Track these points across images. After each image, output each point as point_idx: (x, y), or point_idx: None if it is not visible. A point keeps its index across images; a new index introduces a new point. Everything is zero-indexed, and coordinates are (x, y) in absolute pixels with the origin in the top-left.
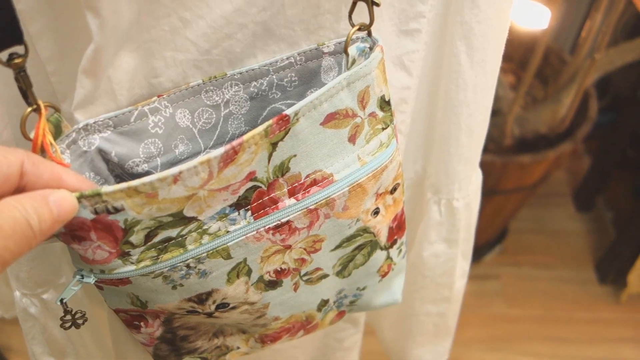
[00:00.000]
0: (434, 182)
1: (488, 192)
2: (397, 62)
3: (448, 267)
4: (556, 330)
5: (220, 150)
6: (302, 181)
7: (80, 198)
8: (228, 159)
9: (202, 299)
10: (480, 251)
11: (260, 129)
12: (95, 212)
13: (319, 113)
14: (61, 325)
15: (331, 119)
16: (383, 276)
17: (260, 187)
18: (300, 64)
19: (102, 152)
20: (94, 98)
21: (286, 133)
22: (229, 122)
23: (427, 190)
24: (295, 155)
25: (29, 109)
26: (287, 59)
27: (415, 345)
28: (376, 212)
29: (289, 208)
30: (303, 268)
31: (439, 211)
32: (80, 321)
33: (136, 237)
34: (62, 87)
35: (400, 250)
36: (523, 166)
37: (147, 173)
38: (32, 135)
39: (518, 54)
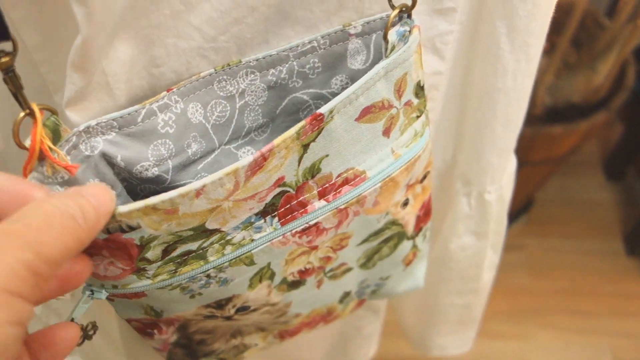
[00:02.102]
0: (464, 172)
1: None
2: (429, 45)
3: (476, 260)
4: (581, 303)
5: (249, 158)
6: (333, 181)
7: None
8: (256, 166)
9: (221, 304)
10: None
11: (292, 131)
12: (108, 231)
13: (355, 108)
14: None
15: (367, 113)
16: (407, 264)
17: (289, 191)
18: (324, 48)
19: (106, 156)
20: (87, 93)
21: (319, 133)
22: (245, 115)
23: (456, 180)
24: (327, 156)
25: (22, 114)
26: (309, 42)
27: (438, 333)
28: (406, 203)
29: (319, 210)
30: (328, 265)
31: (468, 204)
32: (91, 332)
33: (153, 253)
34: (53, 77)
35: (425, 236)
36: (553, 137)
37: (157, 177)
38: (27, 143)
39: (552, 16)
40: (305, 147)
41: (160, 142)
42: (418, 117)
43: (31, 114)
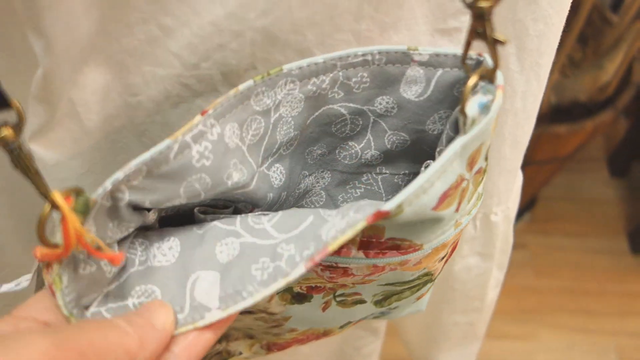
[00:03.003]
0: None
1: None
2: None
3: (481, 281)
4: (586, 302)
5: (301, 269)
6: (382, 240)
7: None
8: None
9: None
10: None
11: (350, 233)
12: None
13: (431, 197)
14: None
15: (445, 198)
16: (419, 298)
17: None
18: (377, 64)
19: (132, 204)
20: (53, 124)
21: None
22: (278, 129)
23: None
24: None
25: (47, 208)
26: (362, 55)
27: (441, 350)
28: (444, 257)
29: (353, 259)
30: (340, 290)
31: (473, 226)
32: None
33: None
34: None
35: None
36: (558, 137)
37: (189, 211)
38: (58, 239)
39: None
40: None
41: (195, 178)
42: (482, 179)
43: (54, 206)
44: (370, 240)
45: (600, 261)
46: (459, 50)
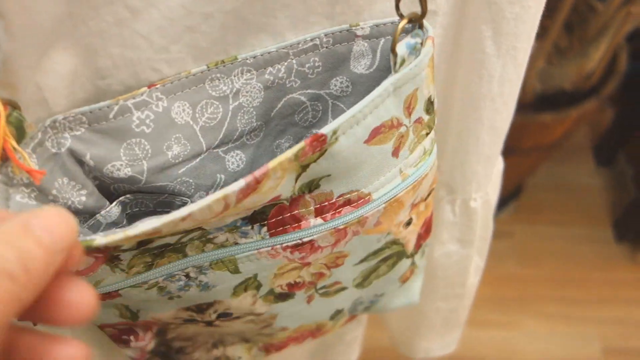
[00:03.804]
0: (448, 181)
1: (505, 151)
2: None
3: (461, 267)
4: (570, 290)
5: (240, 182)
6: (333, 201)
7: None
8: (249, 190)
9: (202, 308)
10: None
11: (289, 154)
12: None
13: (363, 129)
14: None
15: (376, 134)
16: (404, 281)
17: (282, 202)
18: (326, 47)
19: (74, 154)
20: (21, 111)
21: (321, 154)
22: (238, 117)
23: (440, 187)
24: (329, 175)
25: None
26: (311, 40)
27: (423, 337)
28: (409, 222)
29: (314, 228)
30: (320, 282)
31: (452, 211)
32: None
33: (128, 245)
34: None
35: (423, 253)
36: (544, 125)
37: (130, 178)
38: None
39: None
40: (305, 167)
41: (134, 142)
42: (427, 134)
43: None
44: (323, 205)
45: (585, 250)
46: (395, 17)
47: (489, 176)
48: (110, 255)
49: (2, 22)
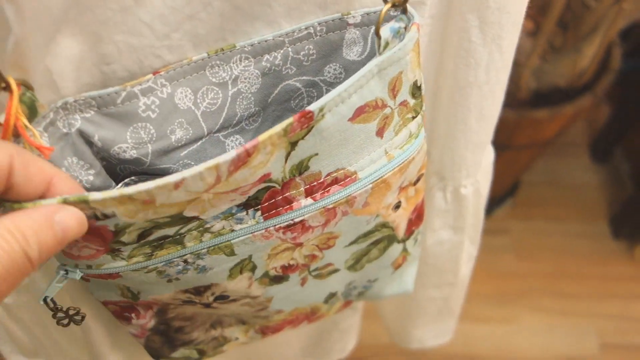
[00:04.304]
0: (439, 168)
1: (500, 147)
2: None
3: (453, 254)
4: (566, 286)
5: (232, 153)
6: (321, 180)
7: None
8: (240, 162)
9: (199, 291)
10: (490, 205)
11: (278, 128)
12: None
13: (348, 107)
14: (58, 323)
15: (360, 112)
16: (396, 268)
17: (274, 186)
18: (320, 35)
19: (83, 135)
20: None
21: (308, 131)
22: (237, 103)
23: (431, 175)
24: (316, 154)
25: None
26: (306, 28)
27: (417, 326)
28: (397, 205)
29: (305, 208)
30: (313, 264)
31: (444, 198)
32: (78, 317)
33: (128, 236)
34: None
35: (416, 240)
36: (538, 121)
37: (135, 159)
38: (1, 119)
39: None
40: (294, 144)
41: (140, 126)
42: (414, 117)
43: (7, 87)
44: (313, 185)
45: (582, 246)
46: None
47: (478, 163)
48: (111, 248)
49: (13, 6)
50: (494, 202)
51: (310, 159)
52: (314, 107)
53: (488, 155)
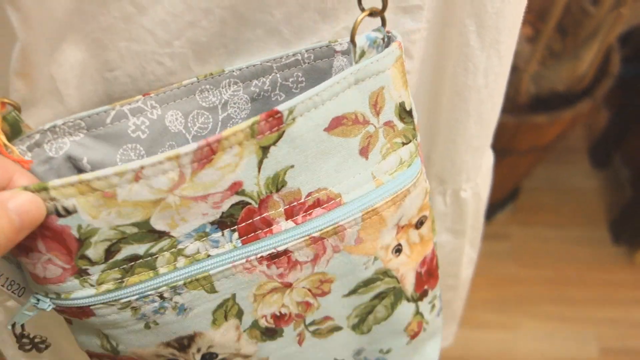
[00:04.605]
0: (439, 171)
1: (500, 152)
2: None
3: (454, 257)
4: (567, 291)
5: (193, 145)
6: (302, 200)
7: None
8: (203, 158)
9: (183, 344)
10: (490, 211)
11: (243, 124)
12: None
13: (322, 115)
14: (20, 348)
15: (338, 124)
16: (413, 337)
17: (250, 203)
18: (308, 63)
19: (72, 159)
20: (35, 100)
21: (280, 136)
22: (228, 127)
23: (431, 179)
24: (292, 167)
25: None
26: (293, 55)
27: None
28: (398, 249)
29: (287, 233)
30: (308, 314)
31: (444, 202)
32: (42, 346)
33: (94, 251)
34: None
35: (434, 306)
36: (538, 126)
37: None
38: None
39: (537, 2)
40: (265, 150)
41: (130, 147)
42: (404, 144)
43: None
44: (292, 204)
45: (582, 251)
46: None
47: (478, 167)
48: (78, 268)
49: (19, 14)
50: (494, 207)
51: (287, 171)
52: (282, 107)
53: (488, 159)
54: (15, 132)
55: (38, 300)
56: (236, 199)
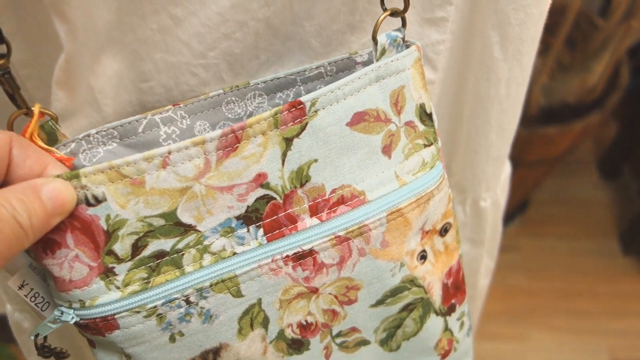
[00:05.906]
0: (459, 181)
1: (511, 163)
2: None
3: (472, 267)
4: (577, 303)
5: (218, 131)
6: (326, 197)
7: None
8: (228, 145)
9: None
10: None
11: (267, 113)
12: None
13: (344, 109)
14: (38, 354)
15: (360, 119)
16: (444, 356)
17: (275, 198)
18: (330, 75)
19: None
20: (75, 110)
21: (303, 128)
22: None
23: (451, 189)
24: (316, 160)
25: (17, 112)
26: (317, 68)
27: None
28: (423, 256)
29: (312, 230)
30: (335, 324)
31: (463, 211)
32: (62, 356)
33: (121, 246)
34: (40, 93)
35: (463, 324)
36: (548, 138)
37: None
38: None
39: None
40: (288, 142)
41: None
42: (426, 145)
43: (28, 113)
44: (317, 200)
45: (592, 263)
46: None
47: (497, 177)
48: (104, 266)
49: (68, 26)
50: (504, 219)
51: (310, 165)
52: (305, 98)
53: (506, 170)
54: (52, 140)
55: (62, 312)
56: (261, 192)
